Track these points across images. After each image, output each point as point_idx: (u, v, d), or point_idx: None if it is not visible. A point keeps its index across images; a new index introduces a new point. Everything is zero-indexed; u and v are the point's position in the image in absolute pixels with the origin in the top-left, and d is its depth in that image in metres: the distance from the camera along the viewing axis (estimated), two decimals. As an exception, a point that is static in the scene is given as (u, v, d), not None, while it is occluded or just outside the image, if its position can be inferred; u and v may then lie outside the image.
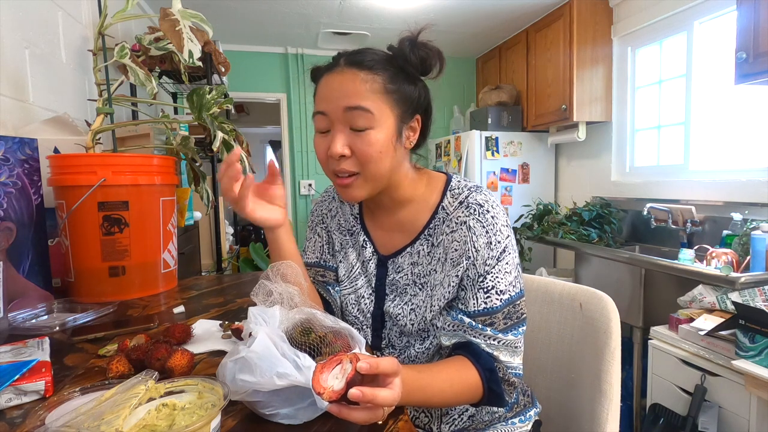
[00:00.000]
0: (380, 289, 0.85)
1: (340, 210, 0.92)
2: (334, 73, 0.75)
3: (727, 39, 2.15)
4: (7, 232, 0.94)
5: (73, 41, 1.68)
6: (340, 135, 0.72)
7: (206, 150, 2.28)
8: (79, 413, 0.45)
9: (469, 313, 0.74)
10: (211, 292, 1.20)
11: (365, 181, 0.75)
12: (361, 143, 0.72)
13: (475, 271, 0.74)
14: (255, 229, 5.55)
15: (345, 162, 0.73)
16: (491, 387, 0.71)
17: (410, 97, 0.76)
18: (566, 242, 2.52)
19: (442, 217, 0.79)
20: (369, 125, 0.72)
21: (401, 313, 0.81)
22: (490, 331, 0.73)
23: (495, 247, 0.74)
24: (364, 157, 0.72)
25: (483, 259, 0.74)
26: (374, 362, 0.49)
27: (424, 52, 0.75)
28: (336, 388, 0.48)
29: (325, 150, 0.74)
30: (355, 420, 0.50)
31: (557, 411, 0.98)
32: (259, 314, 0.61)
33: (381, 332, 0.85)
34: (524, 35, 3.32)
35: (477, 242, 0.74)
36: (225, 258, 2.63)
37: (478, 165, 3.28)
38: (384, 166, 0.74)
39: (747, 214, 1.99)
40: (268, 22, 3.28)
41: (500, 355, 0.73)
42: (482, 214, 0.75)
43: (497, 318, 0.74)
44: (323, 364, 0.50)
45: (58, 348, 0.77)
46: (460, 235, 0.76)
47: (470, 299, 0.74)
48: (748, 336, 1.36)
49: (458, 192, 0.80)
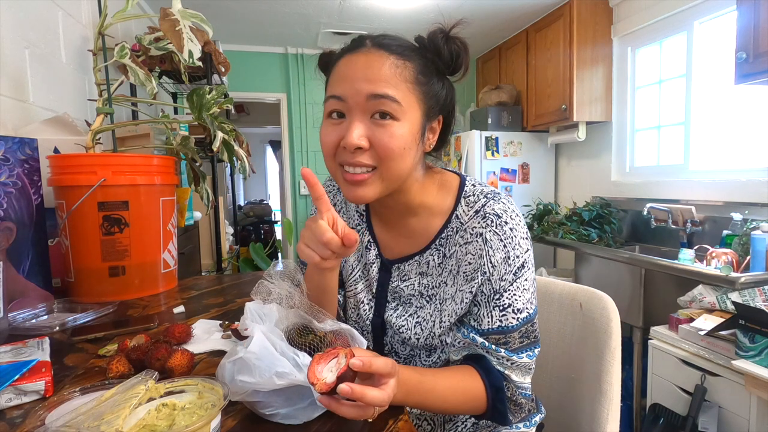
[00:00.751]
0: (381, 295, 0.79)
1: (344, 205, 0.85)
2: (359, 53, 0.65)
3: (727, 39, 2.15)
4: (7, 232, 0.94)
5: (73, 41, 1.68)
6: (358, 123, 0.63)
7: (206, 150, 2.28)
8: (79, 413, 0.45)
9: (482, 332, 0.69)
10: (211, 292, 1.20)
11: (381, 180, 0.65)
12: (383, 135, 0.62)
13: (491, 288, 0.68)
14: (255, 229, 5.56)
15: (361, 155, 0.63)
16: (496, 405, 0.68)
17: (438, 94, 0.69)
18: (566, 242, 2.51)
19: (455, 226, 0.72)
20: (394, 116, 0.63)
21: (405, 325, 0.76)
22: (504, 353, 0.68)
23: (513, 263, 0.68)
24: (384, 152, 0.63)
25: (499, 275, 0.68)
26: (368, 360, 0.49)
27: (458, 47, 0.68)
28: (328, 380, 0.48)
29: (337, 139, 0.64)
30: (343, 414, 0.50)
31: (557, 411, 0.98)
32: (256, 311, 0.61)
33: (382, 339, 0.81)
34: (524, 35, 3.32)
35: (494, 257, 0.68)
36: (225, 258, 2.63)
37: (478, 165, 3.28)
38: (404, 166, 0.65)
39: (747, 214, 1.99)
40: (268, 22, 3.28)
41: (512, 375, 0.69)
42: (500, 226, 0.68)
43: (512, 337, 0.69)
44: (320, 355, 0.51)
45: (58, 348, 0.77)
46: (475, 247, 0.69)
47: (484, 317, 0.69)
48: (748, 336, 1.36)
49: (474, 199, 0.72)
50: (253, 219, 5.60)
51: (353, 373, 0.49)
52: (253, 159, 1.38)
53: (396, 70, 0.63)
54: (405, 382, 0.58)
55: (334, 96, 0.65)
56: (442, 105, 0.70)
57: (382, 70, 0.63)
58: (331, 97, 0.65)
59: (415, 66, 0.65)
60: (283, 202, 4.38)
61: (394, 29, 3.80)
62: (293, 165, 4.07)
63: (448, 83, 0.72)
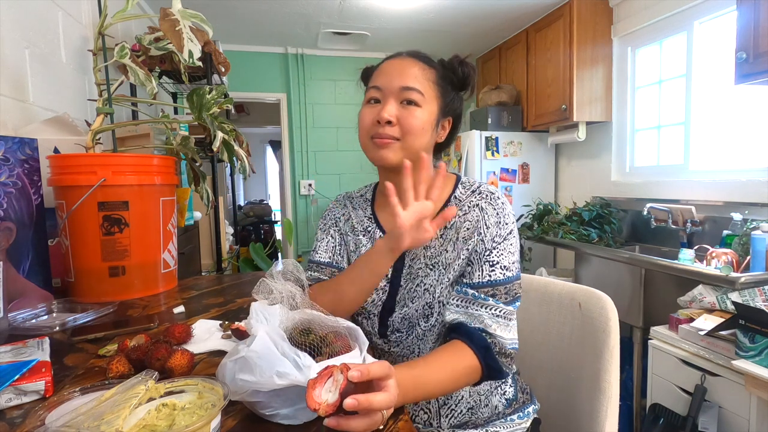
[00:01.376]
0: (395, 280, 0.87)
1: (352, 214, 0.95)
2: (397, 59, 0.86)
3: (727, 39, 2.15)
4: (7, 232, 0.94)
5: (73, 41, 1.68)
6: (390, 106, 0.81)
7: (206, 150, 2.28)
8: (79, 413, 0.45)
9: (474, 285, 0.79)
10: (211, 292, 1.20)
11: (401, 149, 0.82)
12: (408, 115, 0.80)
13: (483, 246, 0.81)
14: (255, 229, 5.56)
15: (389, 128, 0.80)
16: (488, 363, 0.74)
17: (451, 100, 0.87)
18: (566, 242, 2.51)
19: (454, 204, 0.86)
20: (418, 103, 0.81)
21: (416, 295, 0.84)
22: (492, 301, 0.78)
23: (503, 228, 0.81)
24: (408, 127, 0.80)
25: (491, 236, 0.81)
26: (365, 369, 0.50)
27: (469, 71, 0.87)
28: (330, 401, 0.47)
29: (374, 117, 0.82)
30: (355, 429, 0.50)
31: (556, 409, 0.98)
32: (261, 311, 0.61)
33: (387, 320, 0.87)
34: (524, 35, 3.32)
35: (488, 220, 0.81)
36: (225, 258, 2.63)
37: (478, 165, 3.28)
38: (421, 141, 0.82)
39: (747, 214, 1.99)
40: (268, 22, 3.28)
41: (497, 330, 0.75)
42: (494, 199, 0.83)
43: (499, 291, 0.79)
44: (314, 380, 0.49)
45: (58, 348, 0.77)
46: (473, 216, 0.83)
47: (476, 271, 0.80)
48: (748, 336, 1.36)
49: (469, 184, 0.88)
50: (253, 219, 5.60)
51: (353, 386, 0.49)
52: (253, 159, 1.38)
53: (423, 72, 0.83)
54: (401, 381, 0.58)
55: (374, 86, 0.84)
56: (453, 110, 0.89)
57: (413, 71, 0.83)
58: (372, 87, 0.85)
59: (437, 72, 0.85)
60: (283, 202, 4.38)
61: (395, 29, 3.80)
62: (293, 165, 4.06)
63: (459, 97, 0.90)
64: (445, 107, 0.86)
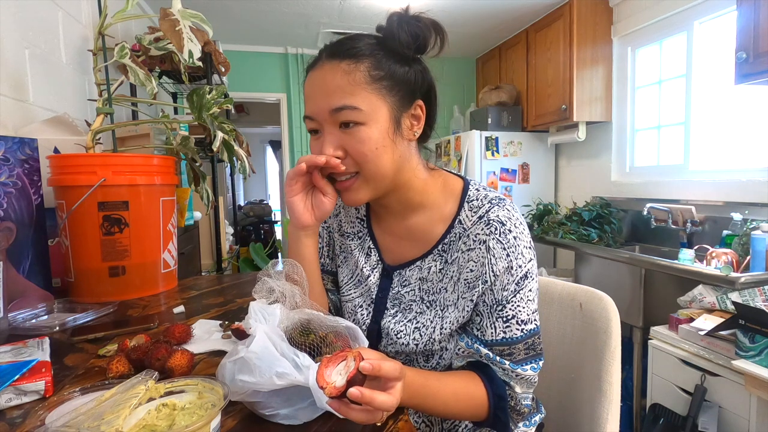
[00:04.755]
0: (381, 302, 0.78)
1: (343, 211, 0.85)
2: (316, 69, 0.68)
3: (727, 39, 2.15)
4: (7, 232, 0.94)
5: (73, 41, 1.68)
6: (329, 137, 0.66)
7: (206, 150, 2.28)
8: (79, 413, 0.45)
9: (486, 343, 0.69)
10: (211, 292, 1.20)
11: (366, 182, 0.68)
12: (354, 142, 0.65)
13: (493, 298, 0.68)
14: (255, 229, 5.55)
15: (342, 163, 0.67)
16: (497, 414, 0.68)
17: (405, 81, 0.67)
18: (566, 242, 2.51)
19: (458, 232, 0.72)
20: (359, 121, 0.64)
21: (403, 330, 0.74)
22: (508, 364, 0.68)
23: (515, 273, 0.67)
24: (359, 156, 0.65)
25: (502, 285, 0.68)
26: (377, 364, 0.49)
27: (415, 27, 0.67)
28: (338, 384, 0.47)
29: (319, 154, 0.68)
30: (353, 419, 0.50)
31: (557, 411, 0.98)
32: (260, 311, 0.61)
33: (377, 347, 0.79)
34: (524, 35, 3.32)
35: (496, 266, 0.67)
36: (225, 258, 2.63)
37: (478, 165, 3.28)
38: (384, 163, 0.66)
39: (747, 214, 1.99)
40: (268, 22, 3.28)
41: (516, 386, 0.69)
42: (504, 234, 0.68)
43: (517, 349, 0.68)
44: (329, 359, 0.50)
45: (58, 348, 0.77)
46: (478, 255, 0.69)
47: (488, 328, 0.69)
48: (748, 336, 1.36)
49: (477, 204, 0.72)
50: (253, 219, 5.60)
51: (362, 376, 0.48)
52: (253, 159, 1.38)
53: (348, 77, 0.64)
54: (409, 384, 0.58)
55: (306, 116, 0.69)
56: (414, 89, 0.69)
57: (335, 82, 0.65)
58: (305, 117, 0.70)
59: (368, 63, 0.66)
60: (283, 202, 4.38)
61: (394, 29, 3.78)
62: (293, 165, 4.06)
63: (419, 65, 0.70)
64: (400, 100, 0.67)
